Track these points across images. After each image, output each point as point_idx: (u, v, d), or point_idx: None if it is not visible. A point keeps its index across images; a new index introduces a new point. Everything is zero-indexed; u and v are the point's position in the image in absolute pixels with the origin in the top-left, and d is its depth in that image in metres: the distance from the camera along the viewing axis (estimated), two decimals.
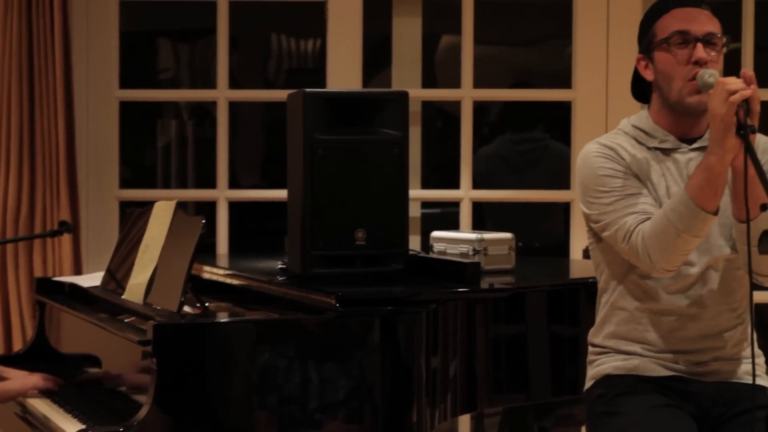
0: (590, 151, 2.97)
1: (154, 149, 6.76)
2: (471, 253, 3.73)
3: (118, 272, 3.57)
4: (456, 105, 5.09)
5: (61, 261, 4.73)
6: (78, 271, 4.73)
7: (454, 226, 4.96)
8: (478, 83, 5.02)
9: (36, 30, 4.73)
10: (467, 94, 5.00)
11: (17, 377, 3.55)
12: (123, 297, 3.40)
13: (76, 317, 3.56)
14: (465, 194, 5.01)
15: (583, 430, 3.90)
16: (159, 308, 3.14)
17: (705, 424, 2.91)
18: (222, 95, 5.05)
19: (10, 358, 3.86)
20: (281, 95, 3.54)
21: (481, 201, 5.21)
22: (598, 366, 3.03)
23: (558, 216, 5.61)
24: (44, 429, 3.29)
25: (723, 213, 2.78)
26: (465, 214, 5.00)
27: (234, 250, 5.04)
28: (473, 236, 3.76)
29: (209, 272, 3.76)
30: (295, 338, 2.97)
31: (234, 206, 5.11)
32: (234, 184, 5.36)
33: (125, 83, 5.08)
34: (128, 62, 5.22)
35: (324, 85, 4.99)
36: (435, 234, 3.95)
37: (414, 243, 4.53)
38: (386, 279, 3.28)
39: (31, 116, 4.76)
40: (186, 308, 3.14)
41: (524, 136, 5.70)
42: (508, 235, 3.81)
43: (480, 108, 5.87)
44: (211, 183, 5.09)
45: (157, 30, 6.73)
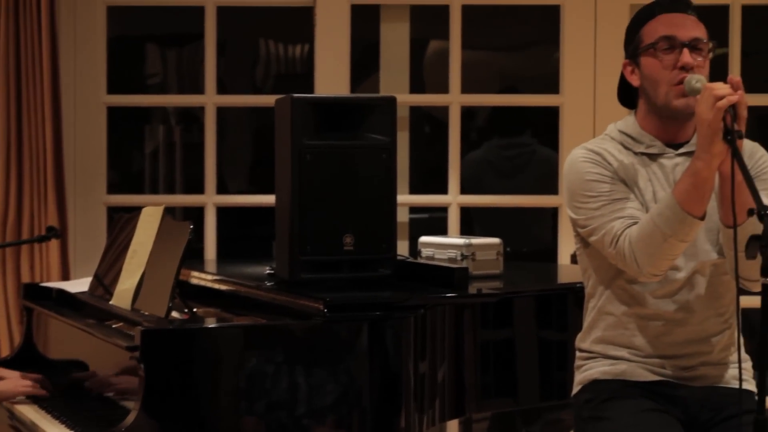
0: (577, 157, 2.98)
1: (142, 154, 6.74)
2: (459, 259, 3.73)
3: (106, 278, 3.57)
4: (444, 110, 5.09)
5: (49, 266, 4.72)
6: (65, 277, 4.71)
7: (442, 231, 4.96)
8: (466, 88, 5.02)
9: (23, 35, 4.72)
10: (455, 100, 5.01)
11: (12, 378, 3.54)
12: (111, 302, 3.39)
13: (64, 323, 3.55)
14: (453, 199, 5.01)
15: None
16: (147, 314, 3.14)
17: (692, 429, 2.92)
18: (210, 100, 5.05)
19: None
20: (269, 100, 3.54)
21: (469, 206, 5.21)
22: (586, 371, 3.03)
23: (546, 221, 5.60)
24: None
25: (709, 218, 2.79)
26: (453, 219, 5.00)
27: (222, 256, 5.04)
28: (461, 241, 3.76)
29: (197, 278, 3.76)
30: (283, 344, 2.97)
31: (222, 211, 5.10)
32: (222, 190, 5.35)
33: (113, 88, 5.07)
34: (116, 67, 5.22)
35: (312, 91, 4.99)
36: (423, 239, 3.95)
37: (402, 248, 4.53)
38: (374, 284, 3.28)
39: (19, 121, 4.74)
40: (174, 314, 3.14)
41: (512, 141, 5.70)
42: (496, 241, 3.81)
43: (468, 113, 5.87)
44: (199, 188, 5.08)
45: (145, 35, 6.71)
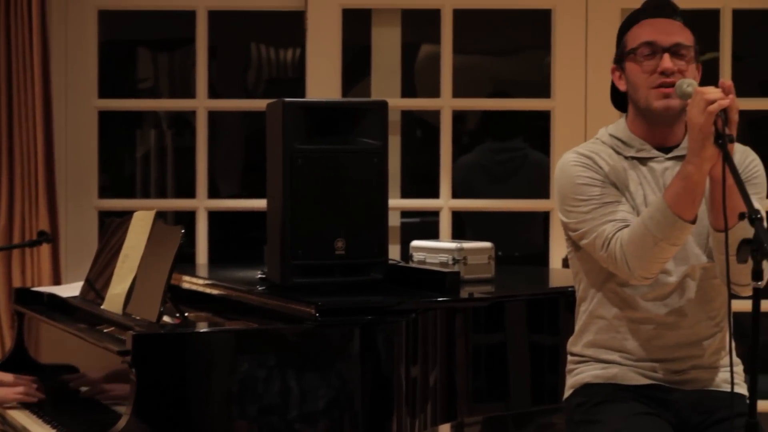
0: (568, 161, 2.98)
1: (133, 159, 6.74)
2: (450, 263, 3.73)
3: (97, 282, 3.56)
4: (435, 114, 5.10)
5: (40, 271, 4.72)
6: (57, 281, 4.71)
7: (434, 236, 4.96)
8: (458, 93, 5.03)
9: (14, 39, 4.71)
10: (446, 104, 5.01)
11: (7, 383, 3.53)
12: (102, 307, 3.39)
13: (55, 327, 3.54)
14: (444, 203, 5.02)
15: None
16: (138, 318, 3.13)
17: None
18: (201, 105, 5.05)
19: None
20: (260, 105, 3.53)
21: (461, 210, 5.21)
22: (578, 375, 3.04)
23: (537, 225, 5.61)
24: None
25: (700, 222, 2.79)
26: (444, 224, 5.01)
27: (213, 260, 5.04)
28: (453, 245, 3.76)
29: (189, 282, 3.76)
30: (275, 348, 2.97)
31: (213, 216, 5.10)
32: (213, 194, 5.35)
33: (104, 93, 5.07)
34: (107, 72, 5.21)
35: (303, 95, 4.99)
36: (414, 243, 3.95)
37: (394, 252, 4.53)
38: (366, 288, 3.28)
39: (10, 126, 4.74)
40: (165, 318, 3.13)
41: (504, 146, 5.70)
42: (488, 245, 3.81)
43: (459, 117, 5.87)
44: (191, 192, 5.08)
45: (136, 39, 6.72)
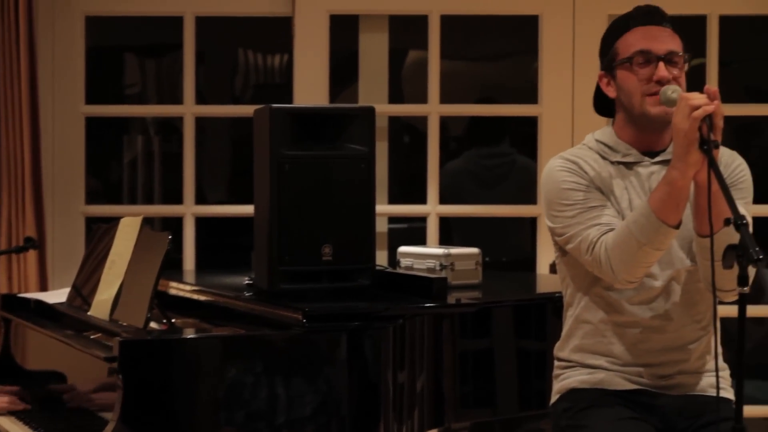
0: (554, 166, 2.99)
1: (121, 165, 6.73)
2: (438, 268, 3.73)
3: (84, 288, 3.56)
4: (423, 120, 5.10)
5: (27, 277, 4.70)
6: (44, 288, 4.70)
7: (421, 241, 4.96)
8: (445, 98, 5.03)
9: (1, 45, 4.70)
10: (434, 110, 5.01)
11: None
12: (89, 313, 3.38)
13: (42, 334, 3.53)
14: (432, 209, 5.02)
15: None
16: (125, 324, 3.13)
17: None
18: (188, 110, 5.04)
19: None
20: (248, 110, 3.54)
21: (448, 216, 5.22)
22: (564, 380, 3.04)
23: (525, 231, 5.62)
24: None
25: (684, 226, 2.79)
26: (432, 229, 5.01)
27: (201, 266, 5.03)
28: (440, 251, 3.76)
29: (176, 288, 3.75)
30: (262, 354, 2.97)
31: (201, 222, 5.09)
32: (201, 200, 5.35)
33: (91, 98, 5.06)
34: (94, 77, 5.20)
35: (291, 101, 4.99)
36: (402, 249, 3.95)
37: (381, 258, 4.53)
38: (353, 294, 3.28)
39: None
40: (152, 324, 3.13)
41: (491, 151, 5.71)
42: (475, 250, 3.82)
43: (447, 123, 5.88)
44: (178, 198, 5.08)
45: (124, 45, 6.71)
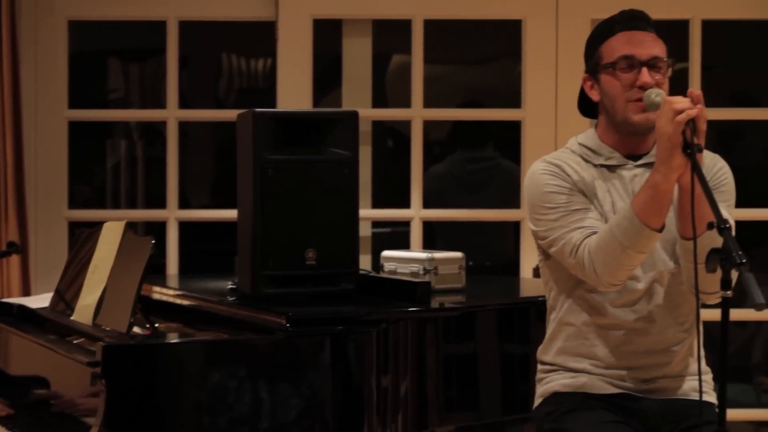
0: (536, 169, 2.99)
1: (104, 169, 6.71)
2: (421, 273, 3.73)
3: (67, 293, 3.55)
4: (406, 124, 5.11)
5: (10, 282, 4.69)
6: (26, 292, 4.69)
7: (405, 246, 4.96)
8: (428, 103, 5.04)
9: None
10: (417, 114, 5.02)
11: None
12: (72, 318, 3.38)
13: (25, 339, 3.52)
14: (415, 213, 5.02)
15: None
16: (108, 329, 3.12)
17: None
18: (171, 115, 5.04)
19: None
20: (231, 115, 3.53)
21: (432, 220, 5.22)
22: (547, 384, 3.04)
23: (508, 235, 5.62)
24: None
25: (667, 229, 2.80)
26: (415, 234, 5.01)
27: (184, 271, 5.02)
28: (424, 255, 3.76)
29: (159, 293, 3.75)
30: (246, 359, 2.97)
31: (184, 226, 5.08)
32: (184, 204, 5.34)
33: (74, 103, 5.05)
34: (77, 82, 5.19)
35: (274, 105, 4.99)
36: (385, 253, 3.95)
37: (364, 262, 4.53)
38: (337, 299, 3.28)
39: None
40: (135, 329, 3.13)
41: (474, 155, 5.71)
42: (459, 255, 3.82)
43: (430, 127, 5.88)
44: (161, 203, 5.07)
45: (107, 49, 6.69)
